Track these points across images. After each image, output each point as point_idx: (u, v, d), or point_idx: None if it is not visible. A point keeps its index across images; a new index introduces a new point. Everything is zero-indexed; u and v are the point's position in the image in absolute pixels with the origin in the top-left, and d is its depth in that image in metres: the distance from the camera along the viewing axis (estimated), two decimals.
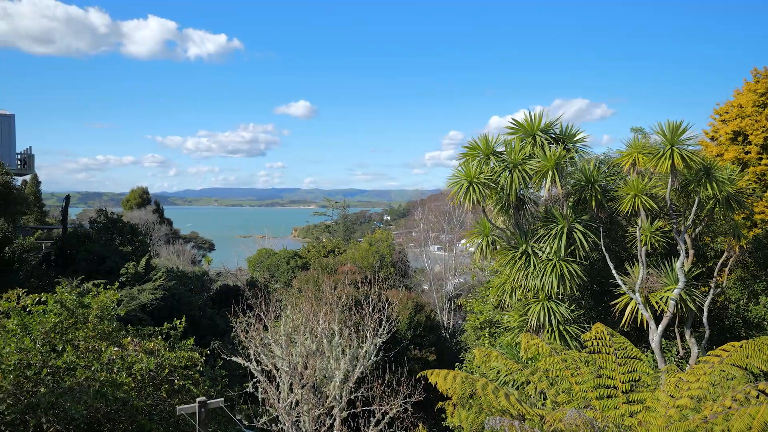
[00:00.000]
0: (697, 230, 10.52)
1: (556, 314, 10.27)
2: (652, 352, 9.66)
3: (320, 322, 8.39)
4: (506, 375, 8.75)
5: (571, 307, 10.59)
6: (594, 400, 6.31)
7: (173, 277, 26.14)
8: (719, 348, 6.39)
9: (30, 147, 29.87)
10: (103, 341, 8.90)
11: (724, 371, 5.83)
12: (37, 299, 9.09)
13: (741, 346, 6.14)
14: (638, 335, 10.69)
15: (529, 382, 6.46)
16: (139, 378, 8.46)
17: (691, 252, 10.31)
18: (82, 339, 8.61)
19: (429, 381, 6.65)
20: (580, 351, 7.78)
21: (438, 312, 30.07)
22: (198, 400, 6.45)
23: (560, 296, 10.47)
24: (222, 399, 6.79)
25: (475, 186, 10.53)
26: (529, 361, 7.64)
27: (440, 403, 6.11)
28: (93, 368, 7.73)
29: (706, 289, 10.91)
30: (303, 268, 32.33)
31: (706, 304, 9.81)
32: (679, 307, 9.66)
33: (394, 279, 33.80)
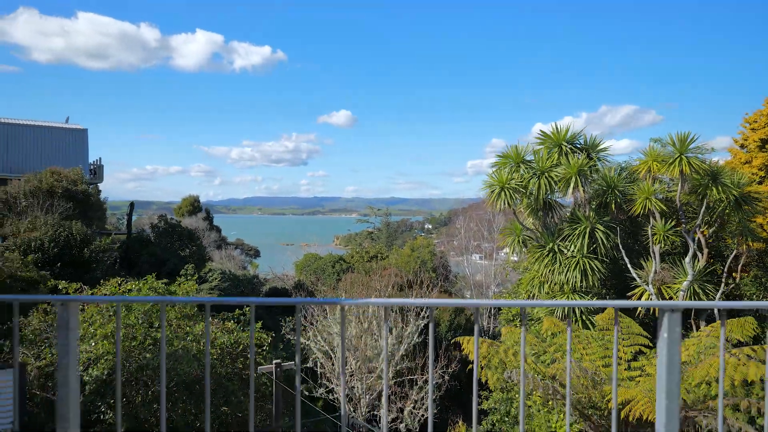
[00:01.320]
0: (711, 230, 11.53)
1: (580, 305, 11.44)
2: None
3: (370, 307, 9.87)
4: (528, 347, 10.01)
5: (594, 299, 11.74)
6: (601, 368, 7.57)
7: (226, 279, 28.22)
8: (710, 325, 7.54)
9: (100, 158, 32.59)
10: (189, 321, 10.67)
11: (708, 342, 7.00)
12: (136, 286, 10.96)
13: (733, 320, 7.30)
14: (656, 325, 11.75)
15: (546, 353, 7.76)
16: (220, 351, 10.17)
17: (705, 250, 11.32)
18: (174, 318, 10.39)
19: (462, 356, 8.01)
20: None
21: (478, 316, 31.12)
22: (274, 361, 8.01)
23: (584, 289, 11.64)
24: (293, 362, 8.34)
25: (506, 191, 11.86)
26: (548, 339, 8.90)
27: (470, 366, 7.45)
28: (188, 338, 9.45)
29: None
30: (347, 271, 34.01)
31: (717, 297, 10.81)
32: (692, 299, 10.69)
33: (435, 283, 35.08)
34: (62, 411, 1.87)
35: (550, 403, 9.37)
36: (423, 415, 8.75)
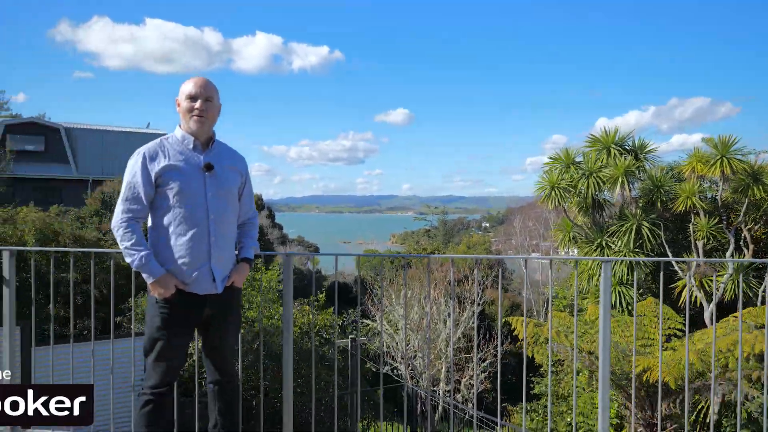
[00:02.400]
0: (756, 227, 12.12)
1: (626, 296, 12.29)
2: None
3: (431, 292, 11.16)
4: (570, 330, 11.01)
5: (640, 291, 12.54)
6: (639, 347, 8.55)
7: (293, 273, 30.21)
8: (736, 312, 8.38)
9: None
10: (273, 304, 12.31)
11: (733, 326, 7.87)
12: None
13: (755, 308, 8.14)
14: (700, 317, 12.42)
15: (586, 333, 8.81)
16: (299, 329, 11.73)
17: (751, 246, 11.92)
18: (260, 299, 12.04)
19: (512, 336, 9.18)
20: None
21: (535, 313, 31.76)
22: (350, 336, 9.42)
23: (630, 282, 12.47)
24: (365, 338, 9.75)
25: (556, 190, 12.85)
26: (592, 323, 9.90)
27: (519, 342, 8.58)
28: (275, 317, 11.05)
29: None
30: (405, 267, 35.43)
31: (761, 290, 11.42)
32: (735, 292, 11.36)
33: (490, 280, 35.92)
34: (285, 333, 3.24)
35: (594, 382, 10.40)
36: (477, 387, 9.97)
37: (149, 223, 2.81)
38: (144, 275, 2.65)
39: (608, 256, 12.69)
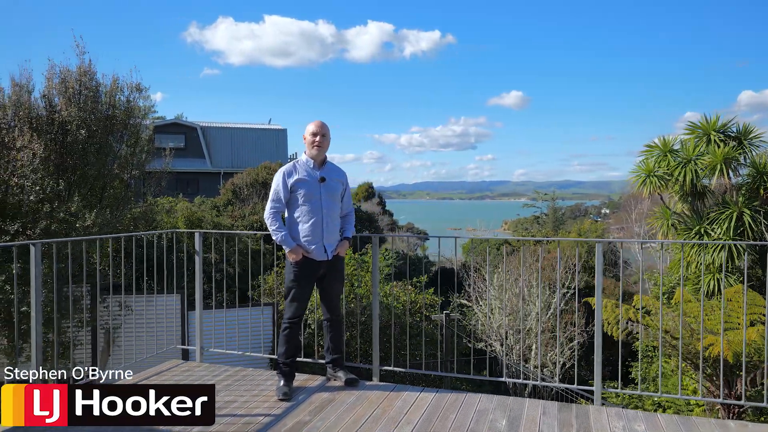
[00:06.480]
0: None
1: (723, 283, 12.30)
2: None
3: (521, 275, 12.02)
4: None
5: (740, 279, 12.45)
6: (720, 331, 8.94)
7: (400, 258, 31.82)
8: None
9: (296, 152, 38.30)
10: (379, 284, 13.87)
11: None
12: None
13: None
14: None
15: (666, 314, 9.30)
16: (401, 307, 13.15)
17: None
18: (368, 280, 13.63)
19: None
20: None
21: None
22: (444, 312, 10.62)
23: (729, 269, 12.44)
24: (458, 314, 10.89)
25: (651, 178, 13.07)
26: (675, 306, 10.26)
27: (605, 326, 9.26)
28: (381, 294, 12.55)
29: None
30: (512, 254, 35.78)
31: None
32: None
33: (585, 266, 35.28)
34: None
35: (683, 365, 10.81)
36: (564, 363, 10.73)
37: (285, 214, 4.23)
38: (284, 247, 4.09)
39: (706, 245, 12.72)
